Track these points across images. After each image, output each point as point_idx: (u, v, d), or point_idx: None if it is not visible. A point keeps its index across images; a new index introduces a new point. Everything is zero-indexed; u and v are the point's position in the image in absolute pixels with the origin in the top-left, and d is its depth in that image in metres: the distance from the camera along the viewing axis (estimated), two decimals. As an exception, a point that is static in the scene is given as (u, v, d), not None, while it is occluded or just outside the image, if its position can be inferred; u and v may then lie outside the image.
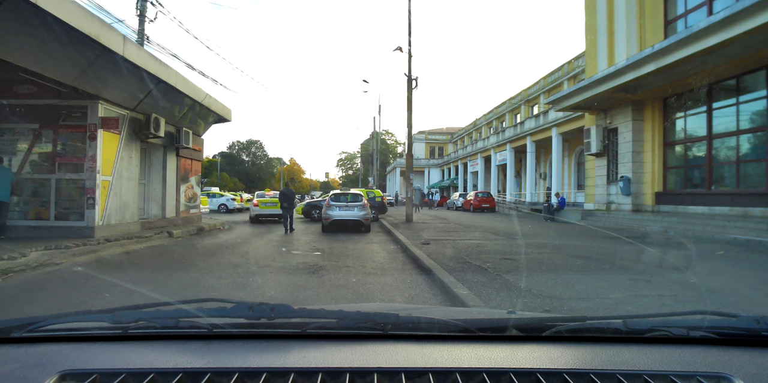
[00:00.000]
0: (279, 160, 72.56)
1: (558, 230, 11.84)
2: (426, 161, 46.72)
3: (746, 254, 7.03)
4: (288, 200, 11.47)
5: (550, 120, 21.35)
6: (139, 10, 11.04)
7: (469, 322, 0.99)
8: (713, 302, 3.78)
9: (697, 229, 9.62)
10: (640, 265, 6.09)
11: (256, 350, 0.86)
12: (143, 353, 0.84)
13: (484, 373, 0.74)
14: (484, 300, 3.76)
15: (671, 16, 12.45)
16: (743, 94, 10.42)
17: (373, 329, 0.92)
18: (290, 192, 11.66)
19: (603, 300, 3.81)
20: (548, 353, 0.86)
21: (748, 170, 10.49)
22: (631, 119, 13.12)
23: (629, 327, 0.93)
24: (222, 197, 25.14)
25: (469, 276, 4.78)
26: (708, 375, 0.75)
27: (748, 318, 0.94)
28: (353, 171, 74.27)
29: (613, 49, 13.82)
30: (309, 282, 4.89)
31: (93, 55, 7.10)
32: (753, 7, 7.60)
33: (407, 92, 14.83)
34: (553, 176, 21.74)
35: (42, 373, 0.73)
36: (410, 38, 15.13)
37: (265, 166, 70.85)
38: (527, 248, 7.65)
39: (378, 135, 38.30)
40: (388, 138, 68.15)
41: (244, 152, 69.75)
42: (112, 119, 8.60)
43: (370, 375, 0.74)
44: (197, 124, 12.65)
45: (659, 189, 12.81)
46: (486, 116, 37.34)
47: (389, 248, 8.11)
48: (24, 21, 5.71)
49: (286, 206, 11.41)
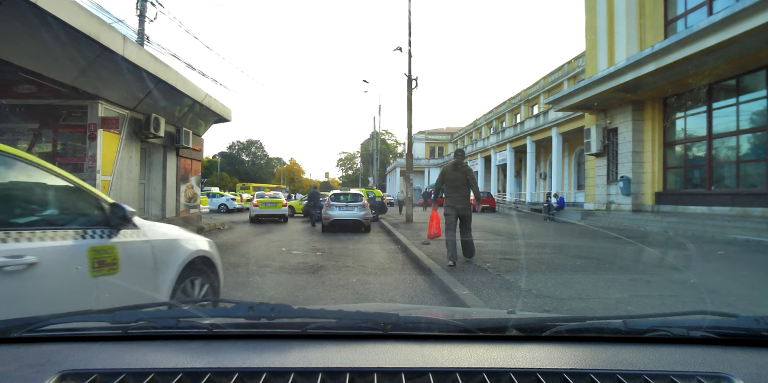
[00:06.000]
0: (279, 160, 72.63)
1: (558, 230, 11.84)
2: (426, 161, 46.70)
3: (746, 254, 7.03)
4: (314, 199, 14.11)
5: (550, 120, 21.35)
6: (139, 10, 11.03)
7: (469, 322, 0.99)
8: (713, 302, 3.78)
9: (697, 229, 9.62)
10: (640, 265, 6.09)
11: (256, 350, 0.86)
12: (143, 353, 0.84)
13: (484, 373, 0.74)
14: (484, 300, 3.76)
15: (671, 16, 12.46)
16: (743, 94, 10.42)
17: (373, 329, 0.92)
18: (317, 193, 14.61)
19: (603, 300, 3.81)
20: (548, 353, 0.86)
21: (748, 170, 10.49)
22: (631, 119, 13.12)
23: (629, 327, 0.93)
24: (222, 197, 25.15)
25: (469, 276, 4.78)
26: (708, 375, 0.75)
27: (748, 318, 0.94)
28: (353, 171, 74.27)
29: (613, 49, 13.82)
30: (309, 282, 4.89)
31: (93, 55, 7.10)
32: (753, 7, 7.60)
33: (407, 92, 14.84)
34: (553, 176, 21.74)
35: (42, 373, 0.72)
36: (410, 38, 15.15)
37: (265, 166, 70.92)
38: (527, 248, 7.65)
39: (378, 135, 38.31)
40: (388, 138, 68.17)
41: (244, 152, 69.82)
42: (112, 119, 8.60)
43: (370, 375, 0.74)
44: (197, 124, 12.66)
45: (659, 189, 12.81)
46: (486, 116, 37.35)
47: (389, 248, 8.11)
48: (24, 21, 5.71)
49: (312, 205, 13.98)
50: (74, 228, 1.95)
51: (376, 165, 37.40)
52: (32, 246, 1.69)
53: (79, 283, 1.92)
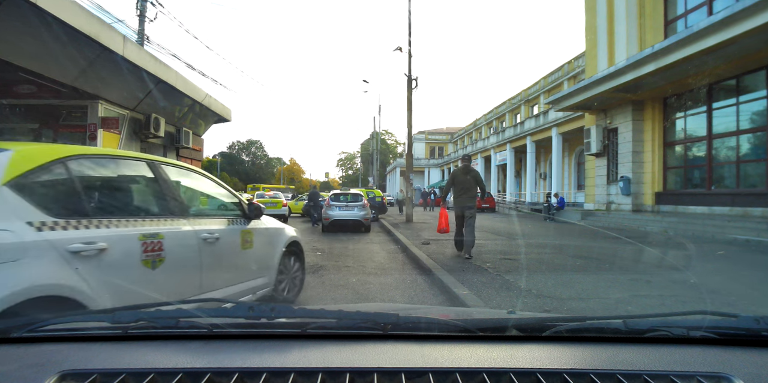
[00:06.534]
0: (279, 160, 72.64)
1: (558, 230, 11.84)
2: (426, 161, 46.71)
3: (746, 254, 7.03)
4: (314, 199, 14.31)
5: (550, 120, 21.35)
6: (139, 10, 11.03)
7: (469, 322, 0.99)
8: (713, 302, 3.77)
9: (697, 229, 9.62)
10: (640, 265, 6.09)
11: (256, 350, 0.86)
12: (143, 353, 0.84)
13: (484, 373, 0.74)
14: (484, 300, 3.76)
15: (671, 16, 12.46)
16: (743, 95, 10.42)
17: (373, 329, 0.92)
18: (317, 193, 14.83)
19: (603, 300, 3.81)
20: (548, 353, 0.86)
21: (748, 170, 10.49)
22: (631, 119, 13.12)
23: (629, 327, 0.93)
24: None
25: (469, 276, 4.78)
26: (708, 375, 0.75)
27: (748, 318, 0.94)
28: (353, 171, 74.26)
29: (613, 49, 13.81)
30: (309, 282, 4.88)
31: (93, 55, 7.10)
32: (753, 7, 7.60)
33: (407, 92, 14.84)
34: (553, 176, 21.74)
35: (42, 373, 0.72)
36: (410, 38, 15.15)
37: (265, 166, 70.91)
38: (527, 248, 7.65)
39: (378, 135, 38.32)
40: (388, 138, 68.16)
41: (244, 152, 69.79)
42: (112, 118, 8.60)
43: (370, 375, 0.74)
44: (197, 124, 12.66)
45: (659, 189, 12.81)
46: (486, 116, 37.34)
47: (389, 248, 8.11)
48: (24, 21, 5.71)
49: (312, 205, 14.20)
50: (231, 217, 3.04)
51: (376, 165, 37.41)
52: (215, 228, 2.75)
53: (237, 253, 3.00)
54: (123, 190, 2.51)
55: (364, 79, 44.90)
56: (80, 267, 1.77)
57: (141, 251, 2.10)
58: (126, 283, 2.02)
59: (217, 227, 2.76)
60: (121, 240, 2.03)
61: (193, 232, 2.52)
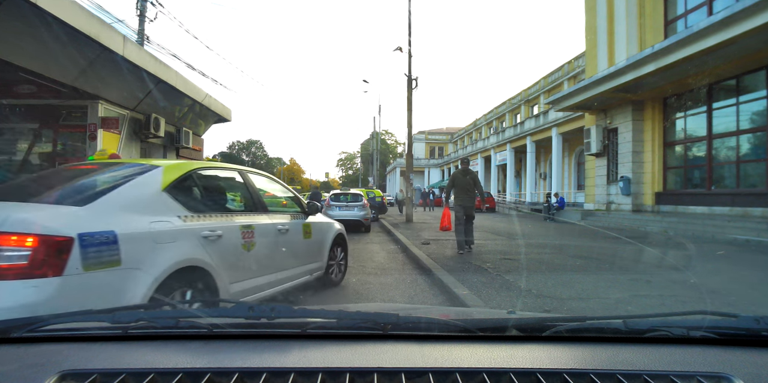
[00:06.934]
0: (279, 160, 72.63)
1: (558, 231, 11.84)
2: (426, 161, 46.71)
3: (746, 254, 7.03)
4: (316, 199, 14.25)
5: (550, 120, 21.35)
6: (139, 10, 11.03)
7: (469, 322, 0.99)
8: (713, 302, 3.77)
9: (697, 229, 9.62)
10: (640, 265, 6.09)
11: (256, 350, 0.86)
12: (143, 353, 0.84)
13: (484, 373, 0.74)
14: (484, 300, 3.76)
15: (671, 16, 12.45)
16: (743, 95, 10.42)
17: (373, 329, 0.92)
18: (318, 193, 15.43)
19: (603, 300, 3.81)
20: (548, 353, 0.86)
21: (748, 170, 10.49)
22: (631, 119, 13.12)
23: (629, 327, 0.93)
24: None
25: (469, 276, 4.78)
26: (708, 375, 0.75)
27: (748, 318, 0.94)
28: (353, 171, 74.26)
29: (613, 49, 13.81)
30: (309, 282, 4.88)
31: (93, 55, 7.09)
32: (753, 7, 7.60)
33: (407, 92, 14.84)
34: (553, 176, 21.74)
35: (42, 373, 0.72)
36: (410, 38, 15.14)
37: (265, 166, 70.88)
38: (527, 248, 7.65)
39: (378, 135, 38.32)
40: (388, 138, 68.16)
41: (244, 152, 69.81)
42: (112, 118, 8.59)
43: (370, 375, 0.74)
44: (197, 124, 12.65)
45: (659, 189, 12.81)
46: (486, 116, 37.34)
47: (389, 248, 8.11)
48: (24, 21, 5.71)
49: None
50: (294, 213, 3.86)
51: (376, 165, 37.42)
52: (285, 221, 3.54)
53: (300, 241, 3.77)
54: (226, 192, 3.30)
55: (364, 79, 44.94)
56: (207, 248, 2.51)
57: (241, 238, 2.86)
58: (232, 260, 2.74)
59: (286, 221, 3.55)
60: (230, 230, 2.77)
61: (272, 224, 3.29)
